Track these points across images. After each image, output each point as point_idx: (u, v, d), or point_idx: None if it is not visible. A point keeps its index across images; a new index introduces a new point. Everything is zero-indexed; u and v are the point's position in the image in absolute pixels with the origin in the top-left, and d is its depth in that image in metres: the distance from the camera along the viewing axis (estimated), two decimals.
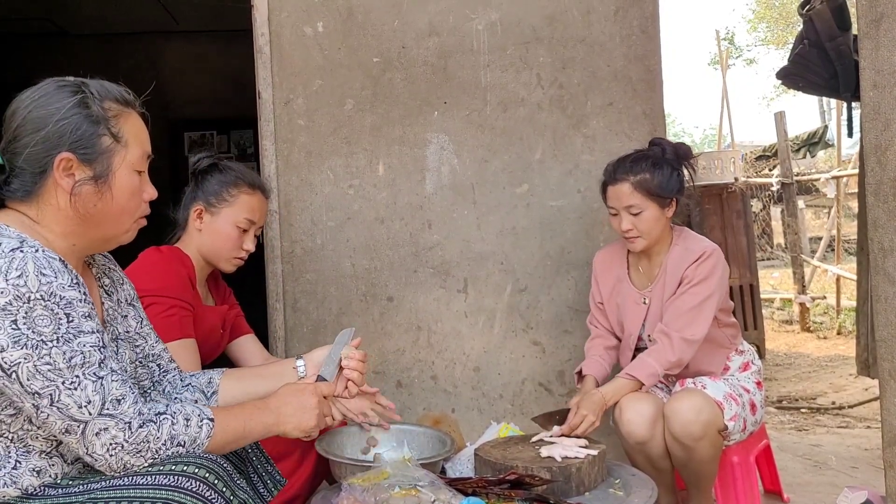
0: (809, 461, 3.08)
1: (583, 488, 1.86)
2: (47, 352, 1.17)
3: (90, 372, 1.20)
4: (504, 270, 2.70)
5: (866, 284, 3.40)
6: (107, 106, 1.31)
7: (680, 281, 2.19)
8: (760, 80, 41.02)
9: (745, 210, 5.65)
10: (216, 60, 5.66)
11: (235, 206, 2.08)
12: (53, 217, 1.29)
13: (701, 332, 2.14)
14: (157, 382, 1.56)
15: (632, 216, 2.18)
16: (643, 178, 2.16)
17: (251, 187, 2.10)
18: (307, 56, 2.67)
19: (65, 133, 1.26)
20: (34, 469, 1.26)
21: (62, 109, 1.27)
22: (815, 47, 3.88)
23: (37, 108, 1.27)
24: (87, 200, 1.29)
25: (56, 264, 1.21)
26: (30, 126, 1.26)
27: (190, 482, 1.20)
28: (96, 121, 1.29)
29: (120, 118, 1.32)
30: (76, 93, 1.29)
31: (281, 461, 1.88)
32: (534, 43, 2.69)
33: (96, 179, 1.29)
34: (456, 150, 2.69)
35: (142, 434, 1.22)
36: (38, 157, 1.26)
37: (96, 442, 1.20)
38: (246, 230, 2.10)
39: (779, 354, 6.09)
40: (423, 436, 2.07)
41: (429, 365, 2.70)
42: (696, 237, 2.27)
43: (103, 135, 1.29)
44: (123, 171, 1.32)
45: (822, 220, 12.29)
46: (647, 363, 2.13)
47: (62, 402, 1.18)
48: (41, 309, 1.17)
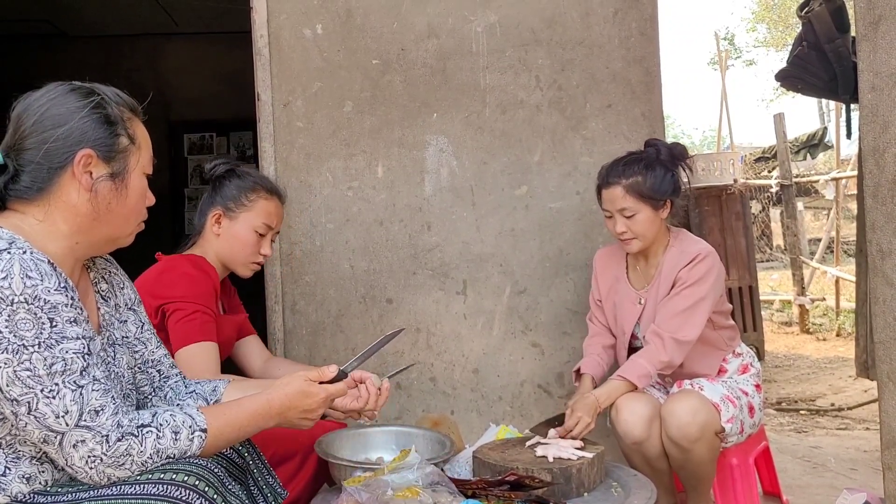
0: (808, 463, 3.08)
1: (582, 489, 1.86)
2: (27, 357, 1.15)
3: (70, 380, 1.18)
4: (503, 272, 2.70)
5: (865, 286, 3.40)
6: (121, 109, 1.33)
7: (674, 282, 2.19)
8: (760, 82, 41.05)
9: (744, 212, 5.66)
10: (216, 62, 5.66)
11: (254, 211, 2.09)
12: (62, 214, 1.29)
13: (693, 335, 2.14)
14: (157, 388, 1.54)
15: (625, 219, 2.19)
16: (635, 180, 2.17)
17: (269, 192, 2.13)
18: (306, 58, 2.67)
19: (87, 130, 1.28)
20: (24, 476, 1.23)
21: (83, 108, 1.28)
22: (814, 49, 3.88)
23: (54, 105, 1.28)
24: (104, 197, 1.30)
25: (44, 267, 1.19)
26: (48, 123, 1.27)
27: (179, 490, 1.18)
28: (114, 122, 1.31)
29: (132, 122, 1.35)
30: (90, 95, 1.31)
31: (282, 465, 1.89)
32: (533, 45, 2.69)
33: (114, 177, 1.31)
34: (455, 151, 2.70)
35: (121, 448, 1.19)
36: (57, 153, 1.27)
37: (74, 454, 1.18)
38: (263, 235, 2.11)
39: (778, 356, 6.09)
40: (423, 438, 2.06)
41: (428, 367, 2.70)
42: (692, 239, 2.28)
43: (121, 135, 1.32)
44: (136, 172, 1.34)
45: (821, 221, 12.29)
46: (639, 364, 2.14)
47: (40, 411, 1.16)
48: (24, 312, 1.15)
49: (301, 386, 1.43)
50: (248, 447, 1.51)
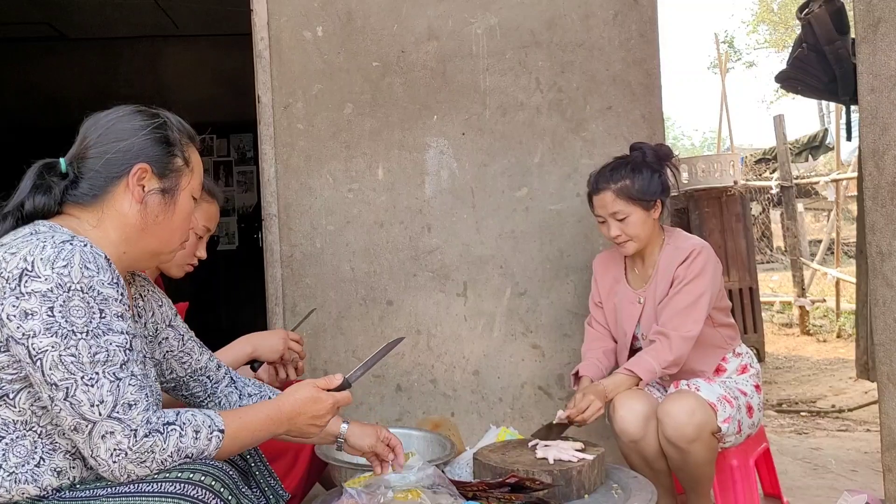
0: (809, 464, 3.08)
1: (583, 491, 1.86)
2: (74, 343, 1.19)
3: (110, 371, 1.21)
4: (503, 274, 2.70)
5: (865, 288, 3.41)
6: (180, 135, 1.42)
7: (672, 280, 2.21)
8: (760, 83, 41.09)
9: (744, 213, 5.66)
10: (215, 64, 5.67)
11: (196, 213, 2.09)
12: (113, 222, 1.35)
13: (696, 329, 2.16)
14: (211, 395, 1.59)
15: (618, 222, 2.22)
16: (623, 184, 2.21)
17: (211, 195, 2.12)
18: (307, 60, 2.67)
19: (145, 147, 1.36)
20: (56, 469, 1.26)
21: (146, 127, 1.38)
22: (814, 51, 3.89)
23: (120, 122, 1.38)
24: (153, 210, 1.37)
25: (101, 261, 1.24)
26: (112, 136, 1.36)
27: (196, 490, 1.20)
28: (172, 143, 1.40)
29: (188, 147, 1.43)
30: (155, 117, 1.40)
31: (275, 462, 1.88)
32: (533, 47, 2.70)
33: (164, 193, 1.38)
34: (455, 154, 2.70)
35: (146, 444, 1.21)
36: (116, 163, 1.35)
37: (101, 445, 1.20)
38: (201, 237, 2.11)
39: (778, 357, 6.09)
40: (423, 440, 2.07)
41: (428, 369, 2.70)
42: (685, 236, 2.31)
43: (176, 156, 1.40)
44: (186, 193, 1.42)
45: (821, 223, 12.29)
46: (646, 360, 2.15)
47: (76, 398, 1.19)
48: (78, 300, 1.20)
49: (310, 392, 1.45)
50: (250, 449, 1.52)
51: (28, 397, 1.24)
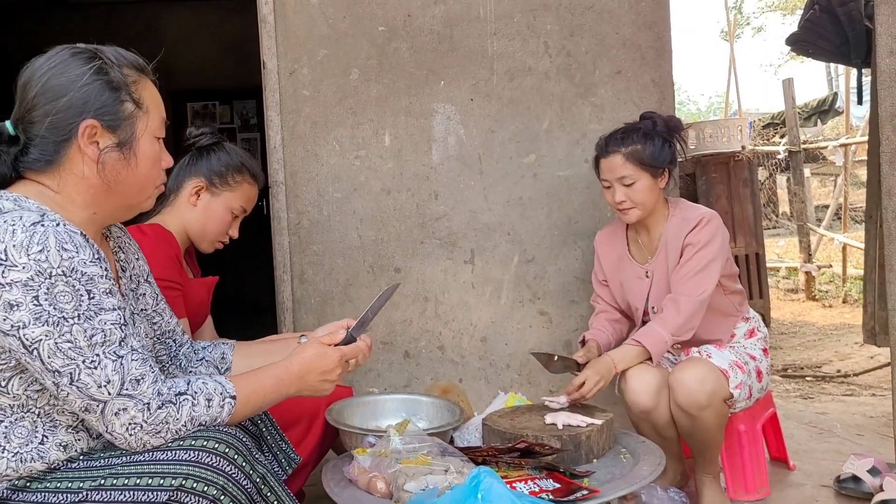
0: (815, 429, 3.10)
1: (592, 456, 1.88)
2: (68, 329, 1.16)
3: (110, 351, 1.19)
4: (511, 241, 2.69)
5: (874, 252, 3.39)
6: (125, 72, 1.29)
7: (682, 250, 2.20)
8: (767, 47, 40.51)
9: (751, 178, 5.60)
10: (218, 30, 5.60)
11: (236, 193, 2.07)
12: (75, 186, 1.27)
13: (708, 290, 2.15)
14: (174, 357, 1.57)
15: (625, 187, 2.19)
16: (634, 148, 2.19)
17: (253, 177, 2.11)
18: (312, 25, 2.63)
19: (88, 100, 1.24)
20: (61, 444, 1.26)
21: (83, 76, 1.24)
22: (826, 13, 3.81)
23: (54, 76, 1.25)
24: (113, 168, 1.28)
25: (77, 239, 1.18)
26: (50, 94, 1.24)
27: (210, 457, 1.20)
28: (117, 87, 1.27)
29: (138, 84, 1.30)
30: (93, 59, 1.27)
31: (288, 430, 1.89)
32: (541, 10, 2.65)
33: (121, 146, 1.28)
34: (462, 120, 2.67)
35: (161, 415, 1.21)
36: (60, 125, 1.24)
37: (115, 422, 1.20)
38: (237, 216, 2.10)
39: (784, 323, 6.10)
40: (433, 405, 2.08)
41: (436, 335, 2.71)
42: (691, 206, 2.29)
43: (125, 101, 1.28)
44: (146, 137, 1.31)
45: (827, 188, 12.21)
46: (655, 329, 2.15)
47: (82, 381, 1.17)
48: (63, 285, 1.15)
49: (317, 349, 1.44)
50: (261, 414, 1.53)
51: (21, 383, 1.22)
